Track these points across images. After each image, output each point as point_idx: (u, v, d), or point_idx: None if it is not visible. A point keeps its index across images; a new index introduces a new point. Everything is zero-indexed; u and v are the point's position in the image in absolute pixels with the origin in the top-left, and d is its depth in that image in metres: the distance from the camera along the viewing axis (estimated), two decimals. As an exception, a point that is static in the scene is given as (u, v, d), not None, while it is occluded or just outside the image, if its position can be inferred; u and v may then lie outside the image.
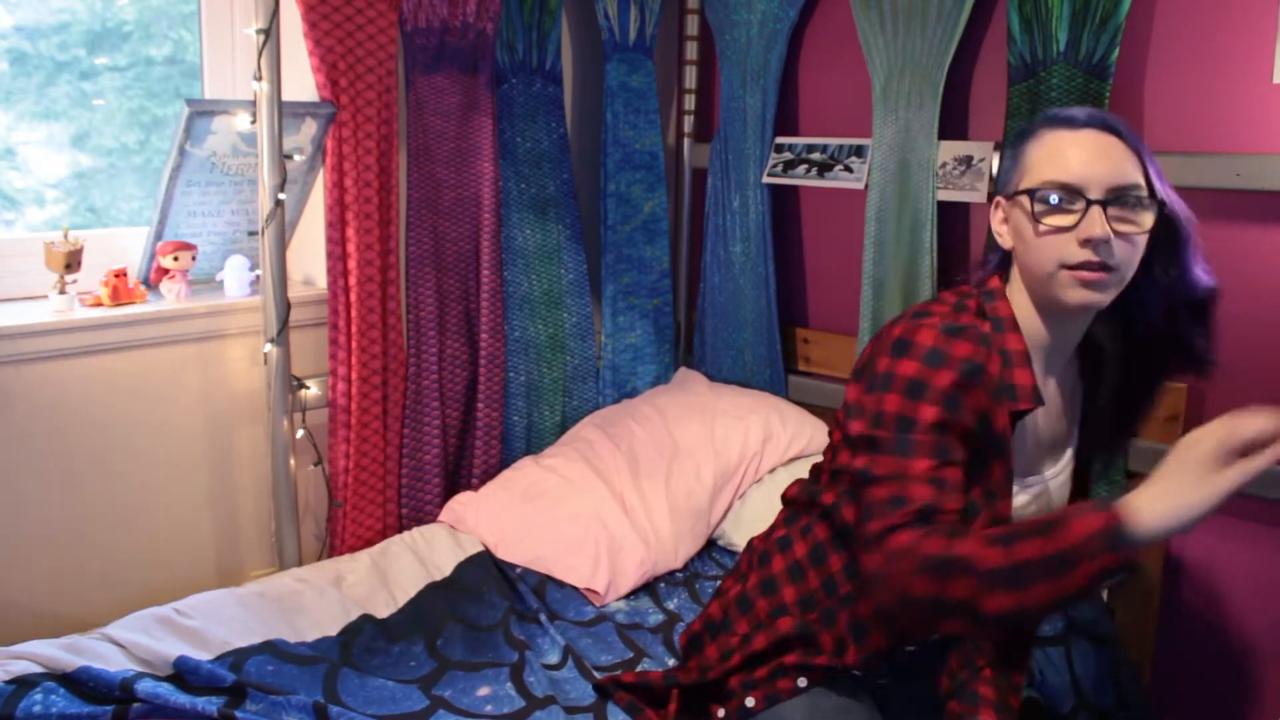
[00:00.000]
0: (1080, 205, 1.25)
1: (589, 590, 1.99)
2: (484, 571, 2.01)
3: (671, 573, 2.11)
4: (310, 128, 2.07)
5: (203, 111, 1.94)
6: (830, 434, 1.51)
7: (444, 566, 2.02)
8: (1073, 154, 1.27)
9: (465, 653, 1.76)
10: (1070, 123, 1.30)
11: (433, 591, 1.94)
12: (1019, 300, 1.36)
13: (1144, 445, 2.00)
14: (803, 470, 2.28)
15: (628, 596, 2.01)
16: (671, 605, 2.00)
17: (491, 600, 1.93)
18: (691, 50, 2.70)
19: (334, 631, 1.77)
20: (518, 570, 2.03)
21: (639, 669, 1.76)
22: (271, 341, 2.03)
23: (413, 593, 1.93)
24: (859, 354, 2.35)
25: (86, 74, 2.07)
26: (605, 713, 1.60)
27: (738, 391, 2.51)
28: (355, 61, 2.07)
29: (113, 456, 1.96)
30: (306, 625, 1.77)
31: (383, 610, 1.86)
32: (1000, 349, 1.32)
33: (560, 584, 2.00)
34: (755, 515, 2.18)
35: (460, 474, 2.39)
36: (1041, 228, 1.27)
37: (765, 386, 2.56)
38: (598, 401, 2.62)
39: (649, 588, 2.05)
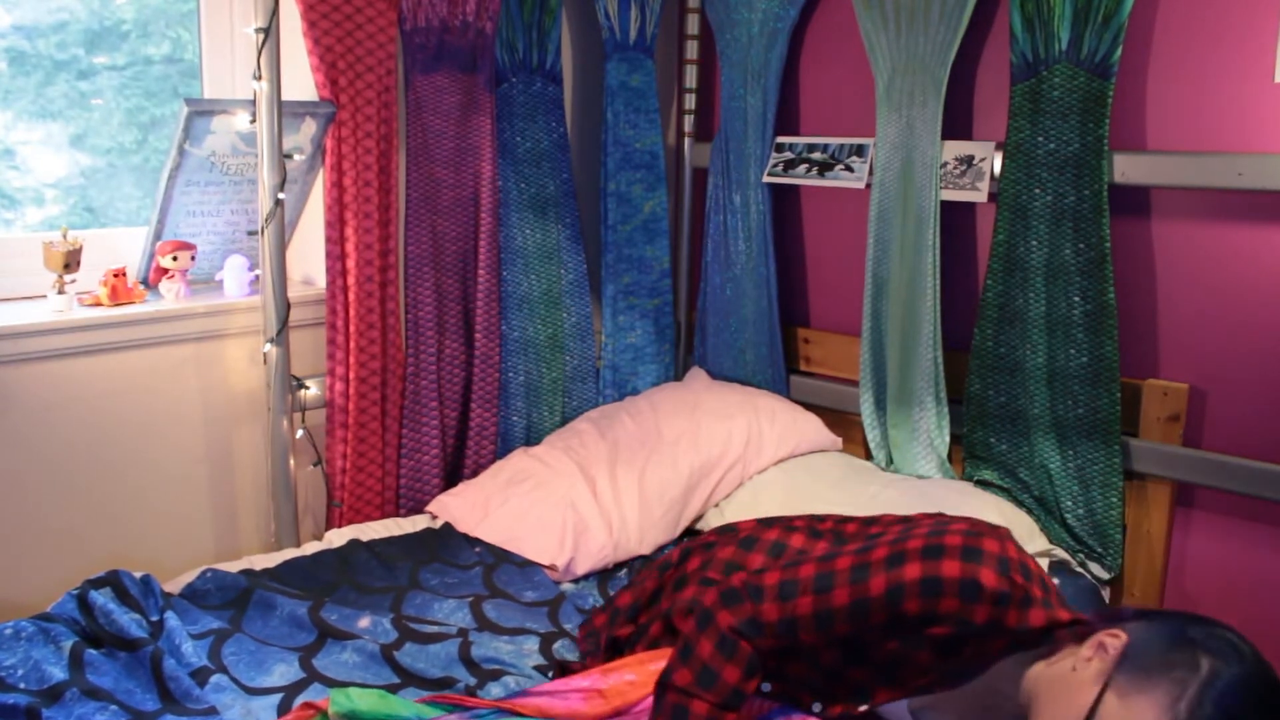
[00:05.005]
0: None
1: (549, 567, 2.01)
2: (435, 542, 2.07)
3: (635, 560, 2.13)
4: (310, 127, 2.07)
5: (202, 111, 1.93)
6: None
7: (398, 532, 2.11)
8: None
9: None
10: None
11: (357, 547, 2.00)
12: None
13: (1145, 445, 1.99)
14: (793, 471, 2.29)
15: (583, 579, 2.04)
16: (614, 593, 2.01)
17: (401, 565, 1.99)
18: (692, 49, 2.70)
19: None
20: (476, 550, 2.05)
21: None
22: (271, 341, 2.02)
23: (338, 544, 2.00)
24: (860, 355, 2.35)
25: (85, 73, 2.07)
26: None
27: (734, 389, 2.50)
28: (355, 61, 2.07)
29: (112, 456, 1.96)
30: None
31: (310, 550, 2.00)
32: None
33: (519, 564, 2.01)
34: (738, 514, 2.19)
35: (459, 475, 2.38)
36: None
37: (766, 386, 2.55)
38: (597, 402, 2.61)
39: (606, 574, 2.07)
